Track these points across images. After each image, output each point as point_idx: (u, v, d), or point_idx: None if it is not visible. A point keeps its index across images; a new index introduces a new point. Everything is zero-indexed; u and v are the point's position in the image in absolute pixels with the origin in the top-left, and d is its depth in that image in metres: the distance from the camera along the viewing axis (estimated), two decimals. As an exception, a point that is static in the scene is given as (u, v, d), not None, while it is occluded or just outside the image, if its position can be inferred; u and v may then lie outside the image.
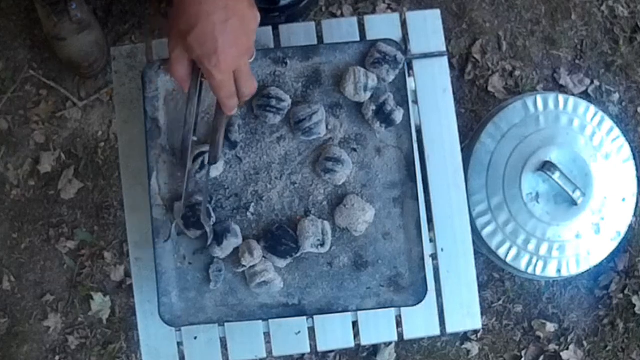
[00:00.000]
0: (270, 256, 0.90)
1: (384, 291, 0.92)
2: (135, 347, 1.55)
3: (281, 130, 0.93)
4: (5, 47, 1.61)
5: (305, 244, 0.89)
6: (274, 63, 0.93)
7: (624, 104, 1.64)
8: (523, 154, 1.21)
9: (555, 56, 1.65)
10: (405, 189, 0.92)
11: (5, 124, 1.60)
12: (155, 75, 0.92)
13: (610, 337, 1.59)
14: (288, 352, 0.98)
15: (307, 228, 0.89)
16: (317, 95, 0.93)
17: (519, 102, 1.23)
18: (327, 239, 0.90)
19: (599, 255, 1.23)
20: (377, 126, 0.92)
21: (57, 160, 1.59)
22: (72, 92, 1.61)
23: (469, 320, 0.99)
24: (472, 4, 1.65)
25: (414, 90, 1.01)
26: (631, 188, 1.24)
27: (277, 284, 0.90)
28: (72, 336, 1.56)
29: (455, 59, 1.64)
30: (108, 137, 1.60)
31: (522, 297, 1.59)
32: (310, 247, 0.90)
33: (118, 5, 1.62)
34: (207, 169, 0.87)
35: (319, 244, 0.90)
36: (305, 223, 0.90)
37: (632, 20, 1.66)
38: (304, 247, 0.90)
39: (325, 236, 0.90)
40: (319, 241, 0.90)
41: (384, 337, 0.98)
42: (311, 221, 0.90)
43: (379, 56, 0.92)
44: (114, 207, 1.58)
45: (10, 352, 1.56)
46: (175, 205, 0.90)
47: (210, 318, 0.91)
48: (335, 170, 0.90)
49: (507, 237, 1.21)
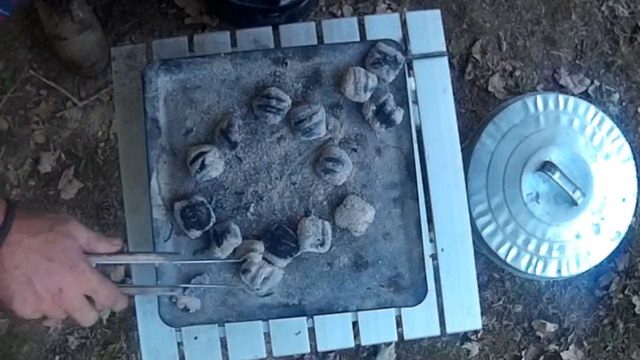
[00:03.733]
0: (270, 256, 0.90)
1: (384, 291, 0.92)
2: (135, 347, 1.55)
3: (281, 131, 0.93)
4: (5, 47, 1.61)
5: (305, 243, 0.89)
6: (274, 63, 0.93)
7: (624, 104, 1.64)
8: (523, 154, 1.21)
9: (556, 56, 1.65)
10: (405, 189, 0.92)
11: (5, 124, 1.60)
12: (155, 75, 0.92)
13: (610, 337, 1.59)
14: (288, 352, 0.98)
15: (307, 227, 0.89)
16: (317, 96, 0.93)
17: (519, 102, 1.23)
18: (327, 239, 0.90)
19: (599, 256, 1.23)
20: (377, 126, 0.92)
21: (57, 160, 1.59)
22: (72, 92, 1.61)
23: (469, 320, 0.99)
24: (472, 4, 1.65)
25: (414, 91, 1.01)
26: (631, 188, 1.24)
27: (278, 274, 0.89)
28: (72, 336, 1.56)
29: (456, 59, 1.64)
30: (108, 137, 1.60)
31: (522, 297, 1.59)
32: (310, 247, 0.89)
33: (118, 5, 1.62)
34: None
35: (318, 243, 0.90)
36: (305, 223, 0.90)
37: (632, 20, 1.66)
38: (304, 247, 0.89)
39: (325, 236, 0.90)
40: (318, 241, 0.89)
41: (384, 337, 0.98)
42: (311, 221, 0.90)
43: (379, 56, 0.92)
44: (114, 207, 1.58)
45: (10, 352, 1.56)
46: (175, 205, 0.90)
47: (210, 318, 0.91)
48: (335, 171, 0.90)
49: (507, 237, 1.21)
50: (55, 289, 0.72)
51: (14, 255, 0.70)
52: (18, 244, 0.70)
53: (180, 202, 0.90)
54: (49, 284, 0.72)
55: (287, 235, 0.90)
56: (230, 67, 0.93)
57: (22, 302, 0.72)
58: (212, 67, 0.93)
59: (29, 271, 0.71)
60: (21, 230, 0.70)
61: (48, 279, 0.71)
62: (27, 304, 0.72)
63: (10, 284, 0.70)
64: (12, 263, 0.70)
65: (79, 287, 0.74)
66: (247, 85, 0.93)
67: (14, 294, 0.71)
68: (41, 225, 0.72)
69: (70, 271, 0.73)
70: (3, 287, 0.71)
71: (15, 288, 0.71)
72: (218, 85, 0.93)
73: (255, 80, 0.93)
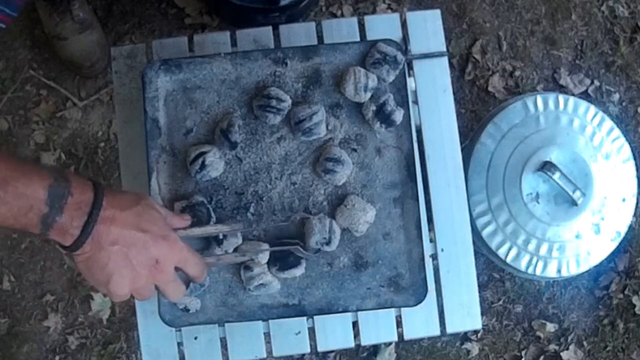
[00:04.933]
0: (280, 273, 0.90)
1: (384, 291, 0.92)
2: (135, 347, 1.55)
3: (281, 131, 0.93)
4: (5, 47, 1.61)
5: (310, 241, 0.89)
6: (274, 63, 0.93)
7: (624, 104, 1.64)
8: (523, 154, 1.21)
9: (556, 56, 1.65)
10: (405, 189, 0.92)
11: (5, 124, 1.60)
12: (155, 75, 0.92)
13: (610, 337, 1.59)
14: (288, 352, 0.98)
15: (313, 226, 0.89)
16: (317, 96, 0.93)
17: (519, 102, 1.23)
18: (333, 238, 0.89)
19: (599, 256, 1.23)
20: (377, 126, 0.92)
21: (57, 160, 1.59)
22: (72, 92, 1.61)
23: (469, 321, 0.99)
24: (472, 4, 1.65)
25: (414, 91, 1.01)
26: (631, 188, 1.24)
27: (275, 286, 0.90)
28: (72, 336, 1.56)
29: (456, 59, 1.64)
30: (108, 137, 1.60)
31: (522, 297, 1.59)
32: (316, 245, 0.89)
33: (118, 5, 1.62)
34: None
35: (324, 242, 0.89)
36: (312, 221, 0.89)
37: (632, 20, 1.66)
38: (309, 245, 0.89)
39: (332, 234, 0.89)
40: (324, 239, 0.89)
41: (384, 337, 0.98)
42: (318, 219, 0.89)
43: (379, 56, 0.92)
44: (114, 207, 1.58)
45: (10, 352, 1.56)
46: (175, 205, 0.90)
47: (210, 318, 0.91)
48: (335, 171, 0.90)
49: (507, 237, 1.21)
50: (152, 261, 0.72)
51: (110, 231, 0.69)
52: (112, 219, 0.69)
53: (180, 202, 0.90)
54: (146, 256, 0.71)
55: (287, 246, 0.90)
56: (230, 67, 0.93)
57: (119, 280, 0.71)
58: (212, 67, 0.93)
59: (126, 245, 0.70)
60: (113, 205, 0.70)
61: (145, 250, 0.71)
62: (125, 281, 0.71)
63: (108, 262, 0.70)
64: (109, 239, 0.69)
65: (172, 257, 0.74)
66: (247, 85, 0.93)
67: (112, 272, 0.70)
68: (129, 200, 0.73)
69: (164, 241, 0.73)
70: (100, 267, 0.70)
71: (112, 266, 0.70)
72: (218, 85, 0.93)
73: (255, 80, 0.93)
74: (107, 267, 0.70)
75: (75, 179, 0.69)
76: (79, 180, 0.69)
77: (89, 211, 0.68)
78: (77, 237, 0.68)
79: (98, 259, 0.70)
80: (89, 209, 0.68)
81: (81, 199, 0.68)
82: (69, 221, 0.67)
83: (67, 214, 0.67)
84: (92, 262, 0.70)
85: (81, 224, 0.68)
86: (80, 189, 0.68)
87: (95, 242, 0.69)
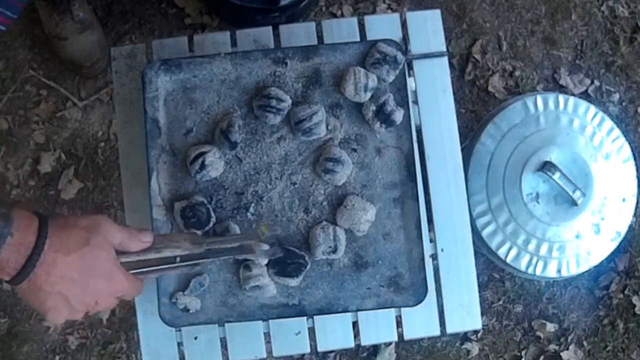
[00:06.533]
0: (281, 279, 0.90)
1: (384, 291, 0.92)
2: (135, 347, 1.55)
3: (281, 131, 0.93)
4: (5, 47, 1.61)
5: (316, 252, 0.89)
6: (274, 63, 0.93)
7: (624, 104, 1.64)
8: (523, 154, 1.21)
9: (556, 56, 1.65)
10: (405, 189, 0.92)
11: (5, 124, 1.60)
12: (155, 75, 0.92)
13: (610, 337, 1.59)
14: (288, 352, 0.98)
15: (317, 236, 0.89)
16: (317, 96, 0.93)
17: (519, 102, 1.23)
18: (339, 245, 0.89)
19: (599, 255, 1.23)
20: (377, 126, 0.92)
21: (57, 160, 1.59)
22: (72, 92, 1.61)
23: (469, 321, 0.99)
24: (472, 4, 1.65)
25: (414, 91, 1.01)
26: (631, 188, 1.24)
27: (270, 290, 0.90)
28: (72, 336, 1.56)
29: (456, 59, 1.64)
30: (108, 137, 1.60)
31: (522, 297, 1.59)
32: (322, 255, 0.89)
33: (118, 5, 1.62)
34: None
35: (331, 250, 0.89)
36: (316, 231, 0.90)
37: (632, 20, 1.66)
38: (316, 255, 0.89)
39: (337, 242, 0.89)
40: (330, 248, 0.89)
41: (384, 337, 0.98)
42: (322, 228, 0.90)
43: (379, 56, 0.92)
44: (114, 207, 1.58)
45: (10, 352, 1.56)
46: (175, 205, 0.90)
47: (210, 318, 0.91)
48: (335, 171, 0.90)
49: (507, 237, 1.21)
50: (92, 302, 0.71)
51: (49, 275, 0.67)
52: (53, 264, 0.67)
53: (180, 202, 0.90)
54: (85, 299, 0.70)
55: (292, 254, 0.90)
56: (230, 67, 0.93)
57: (56, 315, 0.70)
58: (212, 67, 0.93)
59: (65, 290, 0.69)
60: (56, 249, 0.67)
61: (84, 295, 0.70)
62: (61, 316, 0.71)
63: (46, 300, 0.69)
64: (48, 282, 0.67)
65: (111, 294, 0.73)
66: (247, 85, 0.93)
67: (49, 309, 0.70)
68: (77, 240, 0.69)
69: (107, 284, 0.71)
70: (38, 302, 0.69)
71: (50, 304, 0.69)
72: (218, 85, 0.93)
73: (255, 80, 0.93)
74: (45, 304, 0.69)
75: (21, 218, 0.66)
76: (24, 220, 0.66)
77: (28, 255, 0.65)
78: (14, 276, 0.66)
79: (36, 296, 0.69)
80: (28, 253, 0.65)
81: (21, 241, 0.65)
82: (5, 261, 0.65)
83: (5, 254, 0.65)
84: (30, 296, 0.69)
85: (18, 267, 0.66)
86: (23, 230, 0.65)
87: (32, 282, 0.67)
